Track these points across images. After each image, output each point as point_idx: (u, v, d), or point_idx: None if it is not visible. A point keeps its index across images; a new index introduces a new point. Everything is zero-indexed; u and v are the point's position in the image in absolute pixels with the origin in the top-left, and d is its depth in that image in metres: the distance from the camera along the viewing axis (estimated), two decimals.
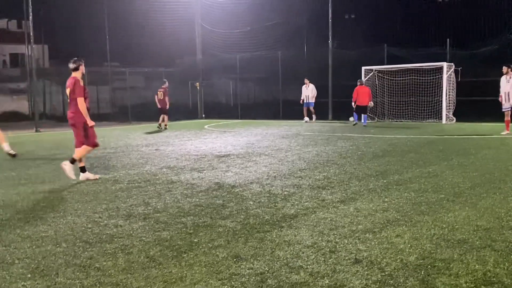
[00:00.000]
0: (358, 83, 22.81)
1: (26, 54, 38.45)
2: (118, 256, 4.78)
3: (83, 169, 9.31)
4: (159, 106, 22.95)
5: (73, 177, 9.04)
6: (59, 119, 30.29)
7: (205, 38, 34.06)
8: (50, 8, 36.32)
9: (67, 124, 9.94)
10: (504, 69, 16.57)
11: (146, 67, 33.11)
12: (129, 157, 12.36)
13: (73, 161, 9.09)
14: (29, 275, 4.32)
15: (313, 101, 25.98)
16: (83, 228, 5.82)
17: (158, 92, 22.89)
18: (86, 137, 9.22)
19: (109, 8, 32.60)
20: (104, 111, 33.83)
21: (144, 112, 29.49)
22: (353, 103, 22.54)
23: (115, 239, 5.32)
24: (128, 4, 33.27)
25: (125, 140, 17.44)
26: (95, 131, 9.39)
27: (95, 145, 9.39)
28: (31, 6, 24.74)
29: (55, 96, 34.95)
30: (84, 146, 9.21)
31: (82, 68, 9.22)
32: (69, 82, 9.20)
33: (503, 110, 16.79)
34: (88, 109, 9.22)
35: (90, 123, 9.17)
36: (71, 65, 9.18)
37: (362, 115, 22.52)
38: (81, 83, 9.16)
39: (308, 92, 25.85)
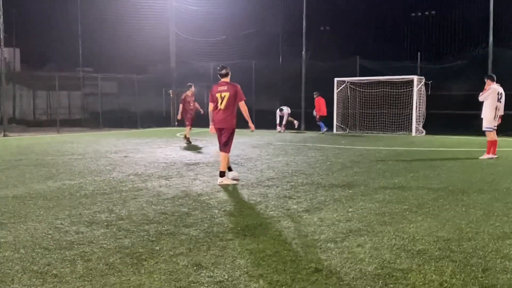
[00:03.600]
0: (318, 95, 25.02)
1: None
2: (76, 263, 4.72)
3: (229, 169, 9.67)
4: (179, 117, 18.68)
5: (234, 182, 9.31)
6: (29, 124, 29.77)
7: (179, 46, 33.99)
8: (22, 11, 35.83)
9: (36, 129, 9.83)
10: None
11: (118, 73, 32.79)
12: (96, 164, 12.21)
13: (222, 174, 9.33)
14: None
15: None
16: (43, 234, 5.72)
17: (186, 99, 18.25)
18: (226, 143, 9.39)
19: (83, 13, 32.30)
20: (75, 116, 33.42)
21: (116, 119, 29.20)
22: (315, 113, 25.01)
23: (75, 246, 5.25)
24: (102, 9, 32.98)
25: (94, 146, 17.23)
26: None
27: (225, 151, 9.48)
28: (2, 9, 24.39)
29: (25, 100, 34.37)
30: (224, 154, 9.38)
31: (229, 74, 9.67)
32: (226, 87, 9.44)
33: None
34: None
35: (252, 127, 9.85)
36: (223, 71, 9.63)
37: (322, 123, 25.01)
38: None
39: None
